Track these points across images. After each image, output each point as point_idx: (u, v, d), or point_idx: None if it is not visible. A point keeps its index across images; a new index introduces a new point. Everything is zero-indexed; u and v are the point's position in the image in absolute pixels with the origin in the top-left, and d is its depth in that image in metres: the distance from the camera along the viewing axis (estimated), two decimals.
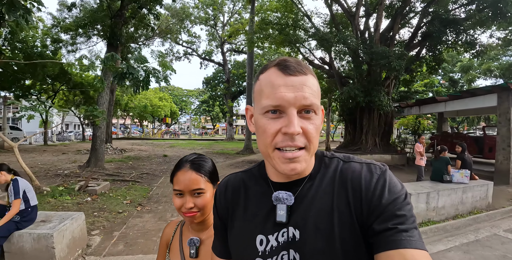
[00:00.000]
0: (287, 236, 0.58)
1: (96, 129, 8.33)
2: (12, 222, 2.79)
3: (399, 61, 9.53)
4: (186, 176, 0.87)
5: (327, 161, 0.62)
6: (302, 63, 0.57)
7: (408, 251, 0.46)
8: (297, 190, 0.60)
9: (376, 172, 0.56)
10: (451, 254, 3.54)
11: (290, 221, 0.59)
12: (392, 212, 0.51)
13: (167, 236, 1.04)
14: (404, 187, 0.56)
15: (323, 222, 0.55)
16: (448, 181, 5.17)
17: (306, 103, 0.53)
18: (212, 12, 26.79)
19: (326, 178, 0.59)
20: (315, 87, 0.56)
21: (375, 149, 12.30)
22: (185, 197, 0.87)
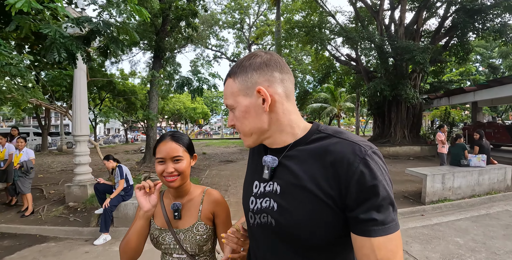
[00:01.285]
0: (272, 187, 0.71)
1: (149, 130, 9.74)
2: (119, 196, 3.96)
3: (423, 55, 9.86)
4: (167, 145, 1.00)
5: (318, 135, 0.69)
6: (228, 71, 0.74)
7: (376, 240, 0.56)
8: (281, 155, 0.72)
9: (359, 155, 0.60)
10: (460, 223, 4.21)
11: (274, 178, 0.72)
12: (371, 200, 0.57)
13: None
14: (385, 171, 0.61)
15: (300, 185, 0.65)
16: (465, 165, 5.70)
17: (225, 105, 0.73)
18: (239, 16, 27.95)
19: (311, 149, 0.67)
20: (229, 89, 0.72)
21: (404, 141, 12.60)
22: (166, 163, 1.00)
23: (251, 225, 0.78)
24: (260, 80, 0.68)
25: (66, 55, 3.14)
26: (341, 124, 41.74)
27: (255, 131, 0.71)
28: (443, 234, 3.76)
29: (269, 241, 0.73)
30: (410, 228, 4.01)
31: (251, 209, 0.76)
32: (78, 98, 4.96)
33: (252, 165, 0.84)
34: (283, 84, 0.70)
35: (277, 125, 0.70)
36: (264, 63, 0.69)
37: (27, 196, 4.89)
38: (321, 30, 12.95)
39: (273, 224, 0.69)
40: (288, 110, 0.71)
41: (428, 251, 3.26)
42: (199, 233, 1.05)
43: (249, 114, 0.69)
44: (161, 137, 1.05)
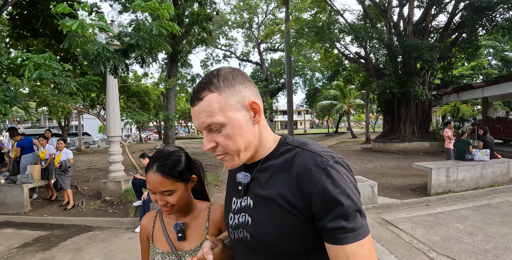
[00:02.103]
0: (246, 202, 0.74)
1: (168, 130, 10.32)
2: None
3: (431, 53, 10.11)
4: (153, 178, 0.90)
5: (285, 148, 0.71)
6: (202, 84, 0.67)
7: (349, 247, 0.58)
8: (254, 170, 0.74)
9: (321, 166, 0.62)
10: (461, 211, 4.58)
11: (248, 193, 0.74)
12: (336, 210, 0.59)
13: (146, 229, 1.04)
14: (349, 179, 0.63)
15: (269, 198, 0.67)
16: (470, 159, 6.03)
17: (204, 126, 0.66)
18: (248, 16, 28.35)
19: (280, 162, 0.69)
20: (215, 104, 0.65)
21: (413, 137, 12.85)
22: (158, 195, 0.91)
23: (232, 240, 0.80)
24: (247, 94, 0.68)
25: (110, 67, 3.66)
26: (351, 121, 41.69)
27: (247, 146, 0.69)
28: (445, 221, 4.15)
29: (247, 256, 0.75)
30: (415, 216, 4.41)
31: (230, 225, 0.78)
32: (111, 102, 5.52)
33: (231, 182, 0.84)
34: (259, 98, 0.72)
35: (260, 139, 0.72)
36: (246, 78, 0.71)
37: (68, 191, 5.49)
38: (330, 30, 13.22)
39: (248, 238, 0.71)
40: (265, 123, 0.74)
41: (430, 235, 3.67)
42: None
43: (242, 129, 0.67)
44: (149, 164, 0.93)
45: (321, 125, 61.85)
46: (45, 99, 4.36)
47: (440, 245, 3.38)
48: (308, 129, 53.16)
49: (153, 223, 1.04)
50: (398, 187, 6.20)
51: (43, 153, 5.88)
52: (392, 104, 13.66)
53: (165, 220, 1.03)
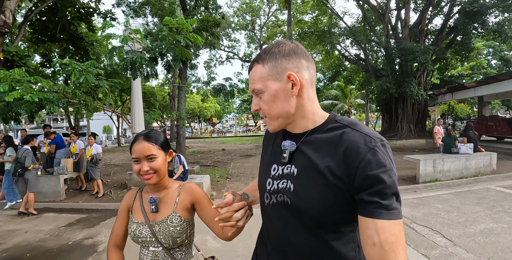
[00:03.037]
0: (289, 170, 0.78)
1: (179, 128, 11.04)
2: (179, 178, 5.20)
3: (424, 56, 10.78)
4: (140, 145, 1.06)
5: (334, 125, 0.75)
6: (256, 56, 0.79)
7: (380, 222, 0.61)
8: (300, 140, 0.78)
9: (369, 145, 0.66)
10: (444, 196, 5.27)
11: (292, 161, 0.78)
12: (376, 186, 0.62)
13: (128, 201, 1.19)
14: (392, 163, 0.67)
15: (314, 168, 0.72)
16: (455, 152, 6.71)
17: (250, 91, 0.78)
18: (250, 18, 29.10)
19: (327, 137, 0.74)
20: (257, 74, 0.75)
21: (410, 134, 13.53)
22: (141, 163, 1.05)
23: (266, 204, 0.84)
24: (289, 66, 0.72)
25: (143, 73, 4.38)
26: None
27: (283, 114, 0.75)
28: (428, 202, 4.85)
29: (283, 218, 0.79)
30: (403, 199, 5.10)
31: (268, 189, 0.82)
32: (136, 103, 6.25)
33: (271, 149, 0.90)
34: (309, 71, 0.75)
35: (301, 110, 0.76)
36: (292, 51, 0.74)
37: (98, 181, 6.22)
38: (330, 33, 13.90)
39: (288, 203, 0.75)
40: (312, 97, 0.77)
41: (414, 212, 4.37)
42: (172, 224, 1.08)
43: (278, 98, 0.73)
44: (135, 137, 1.10)
45: None
46: (84, 100, 5.07)
47: (421, 219, 4.08)
48: None
49: (134, 197, 1.18)
50: None
51: (74, 148, 6.62)
52: (390, 104, 14.33)
53: (144, 196, 1.16)
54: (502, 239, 3.34)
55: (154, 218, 1.10)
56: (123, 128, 58.77)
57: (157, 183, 1.10)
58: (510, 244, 3.22)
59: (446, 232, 3.59)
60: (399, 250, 0.60)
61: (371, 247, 0.62)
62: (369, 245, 0.62)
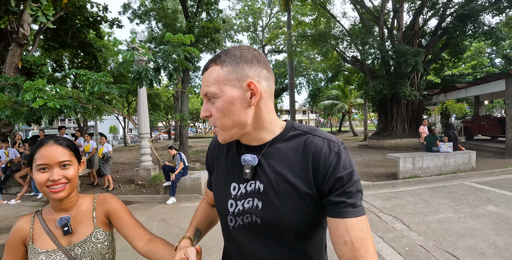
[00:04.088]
0: (254, 187, 0.74)
1: (182, 129, 11.73)
2: (180, 173, 5.85)
3: (415, 58, 11.27)
4: (51, 149, 0.89)
5: (294, 132, 0.75)
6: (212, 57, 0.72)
7: (349, 220, 0.64)
8: (261, 152, 0.75)
9: (334, 149, 0.69)
10: (418, 190, 5.84)
11: (256, 177, 0.74)
12: (343, 187, 0.66)
13: (23, 231, 0.93)
14: (353, 163, 0.70)
15: (283, 180, 0.70)
16: (436, 151, 7.25)
17: (203, 94, 0.71)
18: (252, 20, 29.70)
19: (290, 146, 0.73)
20: (214, 76, 0.69)
21: (404, 134, 14.03)
22: (51, 170, 0.88)
23: (231, 228, 0.79)
24: (250, 74, 0.69)
25: (148, 82, 5.03)
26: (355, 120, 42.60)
27: (237, 124, 0.70)
28: (401, 196, 5.42)
29: (253, 239, 0.75)
30: (380, 193, 5.69)
31: (231, 212, 0.77)
32: (142, 106, 6.92)
33: (225, 167, 0.83)
34: (268, 82, 0.72)
35: (259, 122, 0.73)
36: (255, 58, 0.70)
37: (108, 177, 6.91)
38: (327, 36, 14.42)
39: (258, 222, 0.73)
40: (270, 108, 0.74)
41: (385, 204, 4.96)
42: (99, 241, 0.96)
43: (234, 106, 0.68)
44: (41, 141, 0.92)
45: (326, 125, 62.94)
46: (97, 105, 5.75)
47: (389, 209, 4.67)
48: None
49: (31, 223, 0.95)
50: (376, 174, 7.46)
51: (87, 147, 7.33)
52: (386, 104, 14.84)
53: (46, 218, 0.96)
54: (455, 226, 3.91)
55: (69, 241, 0.93)
56: (129, 129, 60.22)
57: (67, 196, 0.92)
58: (459, 230, 3.79)
59: (406, 220, 4.18)
60: (369, 244, 0.63)
61: (343, 246, 0.64)
62: (341, 244, 0.64)
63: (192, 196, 5.82)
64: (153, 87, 5.27)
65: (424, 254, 3.13)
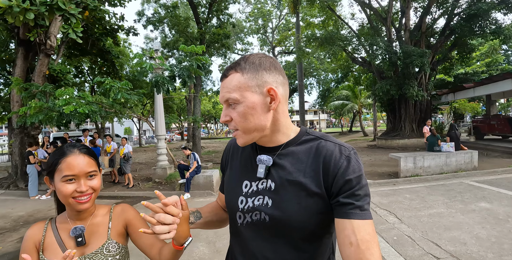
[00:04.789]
0: (265, 185, 0.78)
1: (195, 130, 12.33)
2: (194, 171, 6.38)
3: (421, 59, 11.46)
4: (78, 160, 0.88)
5: (307, 137, 0.79)
6: (231, 64, 0.76)
7: (356, 222, 0.66)
8: (275, 154, 0.79)
9: (344, 153, 0.72)
10: (417, 188, 6.15)
11: (268, 176, 0.78)
12: (351, 189, 0.68)
13: (35, 238, 0.91)
14: (362, 168, 0.73)
15: (294, 180, 0.73)
16: (437, 150, 7.52)
17: (224, 100, 0.74)
18: (262, 22, 30.19)
19: (303, 149, 0.77)
20: (235, 83, 0.73)
21: (412, 134, 14.17)
22: (79, 181, 0.87)
23: (239, 224, 0.82)
24: (270, 80, 0.73)
25: (165, 89, 5.58)
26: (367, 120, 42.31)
27: (258, 128, 0.74)
28: (399, 193, 5.77)
29: (260, 238, 0.78)
30: (380, 190, 6.04)
31: (241, 208, 0.80)
32: (158, 110, 7.50)
33: (239, 165, 0.88)
34: (284, 87, 0.77)
35: (277, 125, 0.77)
36: (273, 65, 0.75)
37: (129, 175, 7.53)
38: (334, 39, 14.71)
39: (266, 220, 0.75)
40: (286, 112, 0.79)
41: (383, 200, 5.32)
42: (110, 253, 0.93)
43: (255, 111, 0.72)
44: (63, 150, 0.90)
45: (337, 125, 62.80)
46: (119, 110, 6.37)
47: (385, 205, 5.04)
48: (324, 128, 54.21)
49: (44, 231, 0.92)
50: (379, 173, 7.79)
51: (109, 147, 7.99)
52: (394, 104, 15.00)
53: (60, 227, 0.93)
54: (444, 220, 4.25)
55: (81, 252, 0.92)
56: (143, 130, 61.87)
57: (91, 207, 0.93)
58: (447, 223, 4.13)
59: (400, 214, 4.54)
60: (374, 248, 0.64)
61: (348, 247, 0.65)
62: (347, 245, 0.65)
63: (205, 192, 6.34)
64: (169, 93, 5.80)
65: (410, 243, 3.51)
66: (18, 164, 9.19)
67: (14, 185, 8.89)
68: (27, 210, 6.06)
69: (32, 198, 7.12)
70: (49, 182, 0.92)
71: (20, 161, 9.15)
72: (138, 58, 5.62)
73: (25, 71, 9.52)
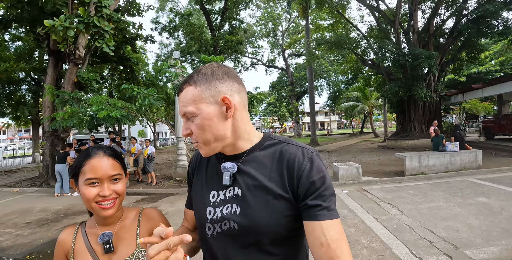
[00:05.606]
0: (233, 193, 0.78)
1: None
2: None
3: (428, 61, 11.75)
4: (103, 162, 0.86)
5: (271, 142, 0.81)
6: (186, 78, 0.77)
7: (325, 223, 0.68)
8: (240, 160, 0.79)
9: (307, 155, 0.75)
10: (420, 185, 6.54)
11: (235, 183, 0.78)
12: (317, 191, 0.70)
13: (65, 244, 0.92)
14: (326, 169, 0.75)
15: (260, 185, 0.74)
16: (442, 150, 7.86)
17: (181, 114, 0.75)
18: (272, 26, 30.81)
19: (267, 153, 0.79)
20: (189, 96, 0.73)
21: (421, 134, 14.38)
22: (102, 185, 0.85)
23: (209, 236, 0.80)
24: (223, 89, 0.74)
25: None
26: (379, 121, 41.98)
27: (218, 138, 0.75)
28: (403, 189, 6.18)
29: (231, 247, 0.77)
30: (385, 187, 6.47)
31: (210, 219, 0.79)
32: (178, 112, 8.13)
33: (205, 176, 0.87)
34: (240, 94, 0.77)
35: (237, 133, 0.78)
36: (225, 74, 0.75)
37: (152, 173, 8.19)
38: (343, 42, 15.12)
39: (235, 229, 0.74)
40: (245, 118, 0.79)
41: (387, 195, 5.75)
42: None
43: (212, 121, 0.73)
44: (87, 152, 0.89)
45: (348, 126, 62.65)
46: (145, 114, 7.03)
47: (389, 200, 5.47)
48: (335, 130, 54.18)
49: (73, 237, 0.92)
50: (386, 172, 8.18)
51: (133, 149, 8.68)
52: (403, 105, 15.25)
53: (89, 232, 0.93)
54: (441, 212, 4.67)
55: (110, 259, 0.89)
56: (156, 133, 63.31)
57: (115, 213, 0.89)
58: (444, 215, 4.54)
59: (402, 207, 4.98)
60: (344, 245, 0.67)
61: (319, 248, 0.67)
62: (317, 246, 0.67)
63: None
64: None
65: (408, 230, 3.96)
66: (49, 164, 10.02)
67: (46, 183, 9.70)
68: (64, 205, 6.78)
69: (65, 194, 7.85)
70: (74, 185, 0.91)
71: (50, 161, 9.98)
72: (164, 67, 6.24)
73: (55, 79, 10.38)
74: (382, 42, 13.63)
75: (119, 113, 6.11)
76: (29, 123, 20.98)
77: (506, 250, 3.21)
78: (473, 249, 3.30)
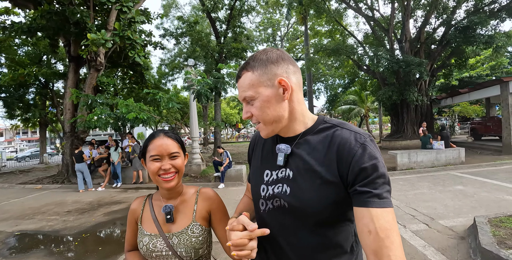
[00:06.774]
0: (284, 174, 0.81)
1: (216, 133, 13.85)
2: (226, 166, 7.82)
3: (418, 68, 12.77)
4: (162, 141, 1.00)
5: (324, 125, 0.81)
6: (243, 65, 0.81)
7: (374, 210, 0.66)
8: (293, 143, 0.83)
9: (359, 141, 0.73)
10: (409, 178, 7.47)
11: (287, 165, 0.82)
12: (368, 178, 0.68)
13: (136, 212, 1.09)
14: (380, 156, 0.72)
15: (310, 169, 0.76)
16: (430, 148, 8.81)
17: (241, 99, 0.81)
18: (271, 32, 31.89)
19: (319, 138, 0.79)
20: (247, 81, 0.78)
21: (414, 135, 15.37)
22: (163, 160, 0.98)
23: (262, 211, 0.87)
24: (279, 72, 0.76)
25: (206, 99, 7.08)
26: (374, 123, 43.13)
27: (277, 119, 0.79)
28: (394, 181, 7.10)
29: (281, 222, 0.82)
30: None
31: (263, 196, 0.86)
32: (193, 116, 9.03)
33: (261, 156, 0.94)
34: (296, 76, 0.80)
35: (293, 114, 0.80)
36: (280, 57, 0.78)
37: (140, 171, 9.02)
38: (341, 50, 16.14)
39: (286, 206, 0.79)
40: (301, 100, 0.82)
41: None
42: (194, 235, 1.02)
43: (270, 103, 0.77)
44: (152, 134, 1.05)
45: None
46: (166, 117, 7.89)
47: None
48: None
49: (143, 205, 1.09)
50: None
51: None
52: (397, 108, 16.26)
53: (155, 204, 1.08)
54: (424, 196, 5.58)
55: (169, 229, 1.02)
56: None
57: (176, 186, 1.02)
58: (426, 198, 5.46)
59: (392, 194, 5.86)
60: (394, 236, 0.64)
61: (367, 235, 0.66)
62: (365, 233, 0.66)
63: (236, 182, 7.79)
64: (208, 102, 7.29)
65: (396, 209, 4.87)
66: (69, 163, 10.82)
67: (67, 180, 10.48)
68: (94, 197, 7.58)
69: (89, 190, 8.63)
70: (144, 163, 1.04)
71: (70, 159, 10.78)
72: (187, 74, 7.11)
73: (75, 83, 11.20)
74: (377, 50, 14.65)
75: (146, 115, 6.97)
76: (36, 125, 21.62)
77: (471, 220, 4.13)
78: (446, 220, 4.23)
